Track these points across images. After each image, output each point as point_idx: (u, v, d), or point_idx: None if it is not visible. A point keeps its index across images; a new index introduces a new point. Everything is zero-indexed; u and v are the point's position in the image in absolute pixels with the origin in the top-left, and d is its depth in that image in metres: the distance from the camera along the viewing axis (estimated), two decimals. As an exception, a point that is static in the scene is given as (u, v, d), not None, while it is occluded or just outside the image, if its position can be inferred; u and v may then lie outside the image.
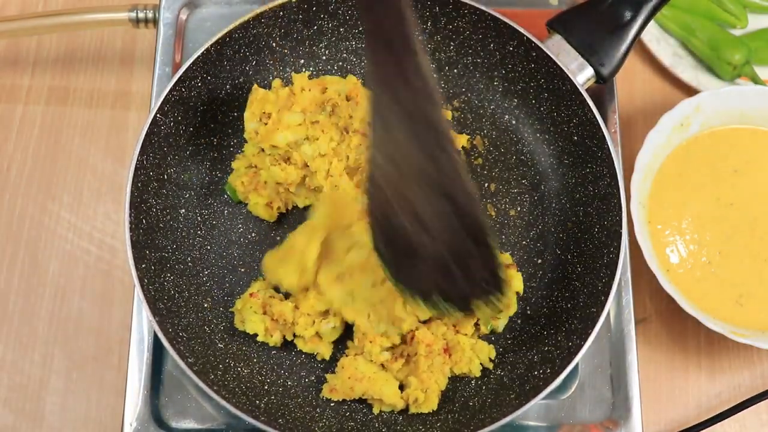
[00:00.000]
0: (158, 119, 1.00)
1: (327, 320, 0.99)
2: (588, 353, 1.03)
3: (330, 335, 1.00)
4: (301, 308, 0.99)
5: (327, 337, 1.00)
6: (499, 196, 1.09)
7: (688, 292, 1.06)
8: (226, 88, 1.07)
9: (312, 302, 0.98)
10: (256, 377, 0.99)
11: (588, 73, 1.03)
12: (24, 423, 1.05)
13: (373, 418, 0.99)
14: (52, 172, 1.15)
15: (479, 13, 1.06)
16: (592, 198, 1.04)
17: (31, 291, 1.10)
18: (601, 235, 1.02)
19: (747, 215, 1.10)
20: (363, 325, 0.98)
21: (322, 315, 0.99)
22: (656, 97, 1.21)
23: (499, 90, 1.11)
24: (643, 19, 1.03)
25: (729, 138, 1.14)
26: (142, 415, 0.99)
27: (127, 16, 1.13)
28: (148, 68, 1.18)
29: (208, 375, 0.95)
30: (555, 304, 1.03)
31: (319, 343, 1.00)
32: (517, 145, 1.10)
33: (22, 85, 1.20)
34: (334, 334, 1.00)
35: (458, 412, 0.98)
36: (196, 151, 1.07)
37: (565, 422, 1.01)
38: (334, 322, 0.99)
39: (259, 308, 0.99)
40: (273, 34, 1.07)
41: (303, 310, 0.99)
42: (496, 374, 1.01)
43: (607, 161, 1.01)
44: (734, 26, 1.23)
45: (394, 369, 0.98)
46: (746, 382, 1.09)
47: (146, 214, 1.00)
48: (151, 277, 0.97)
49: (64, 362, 1.07)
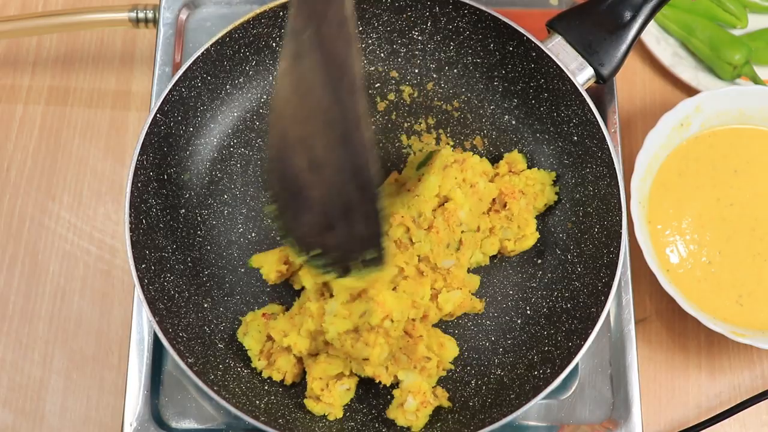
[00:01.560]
0: (158, 119, 1.00)
1: (342, 382, 0.97)
2: (588, 353, 1.03)
3: (343, 397, 0.98)
4: (312, 373, 0.97)
5: (340, 399, 0.97)
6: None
7: (688, 292, 1.06)
8: (226, 88, 1.07)
9: (323, 366, 0.97)
10: (257, 377, 0.99)
11: (588, 73, 1.03)
12: (24, 423, 1.05)
13: (373, 418, 0.99)
14: (52, 172, 1.15)
15: (479, 13, 1.06)
16: (591, 198, 1.04)
17: (31, 291, 1.10)
18: (601, 235, 1.02)
19: (747, 215, 1.10)
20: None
21: (335, 377, 0.97)
22: (656, 97, 1.21)
23: (499, 90, 1.11)
24: (643, 20, 1.03)
25: (729, 138, 1.14)
26: (142, 415, 0.99)
27: (127, 16, 1.13)
28: (148, 68, 1.18)
29: (208, 375, 0.95)
30: (555, 304, 1.03)
31: (332, 405, 0.97)
32: (517, 145, 1.10)
33: (22, 85, 1.20)
34: (347, 396, 0.98)
35: (458, 412, 0.98)
36: (195, 151, 1.07)
37: (565, 422, 1.01)
38: (348, 383, 0.98)
39: (265, 330, 0.99)
40: (273, 34, 1.07)
41: (315, 374, 0.97)
42: (496, 374, 1.01)
43: (607, 161, 1.01)
44: (734, 26, 1.24)
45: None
46: (746, 382, 1.09)
47: (146, 214, 1.00)
48: (151, 278, 0.97)
49: (64, 362, 1.07)
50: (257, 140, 1.09)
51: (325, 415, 0.97)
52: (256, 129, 1.09)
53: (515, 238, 1.03)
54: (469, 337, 1.03)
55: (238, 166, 1.08)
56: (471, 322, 1.04)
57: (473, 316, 1.04)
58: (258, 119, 1.09)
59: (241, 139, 1.09)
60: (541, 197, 1.06)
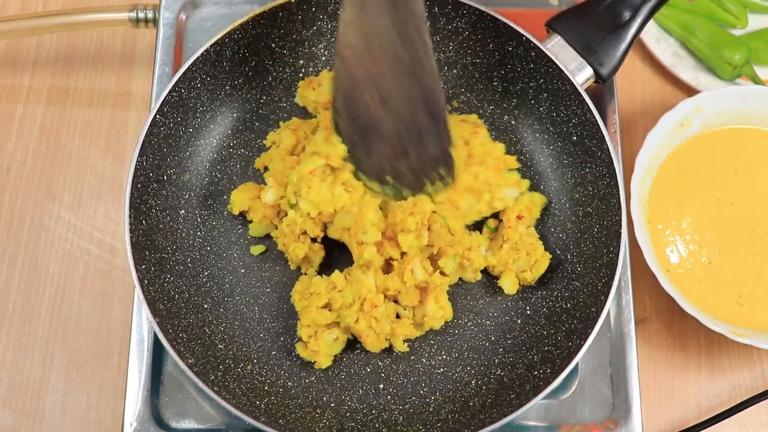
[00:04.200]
0: (158, 120, 1.00)
1: (331, 332, 0.98)
2: (588, 353, 1.03)
3: (332, 347, 0.99)
4: (302, 320, 0.98)
5: (328, 348, 0.99)
6: (498, 196, 1.09)
7: (688, 292, 1.06)
8: (225, 89, 1.07)
9: (314, 314, 0.97)
10: (257, 378, 0.99)
11: (587, 72, 1.03)
12: (24, 423, 1.05)
13: (373, 419, 0.99)
14: (52, 172, 1.15)
15: (478, 13, 1.06)
16: (591, 198, 1.04)
17: (31, 291, 1.10)
18: (600, 234, 1.02)
19: (747, 215, 1.10)
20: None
21: (326, 326, 0.98)
22: (656, 97, 1.21)
23: (498, 90, 1.10)
24: (642, 19, 1.03)
25: (729, 138, 1.14)
26: (142, 415, 0.99)
27: (127, 16, 1.13)
28: (148, 68, 1.18)
29: (209, 376, 0.95)
30: (555, 304, 1.03)
31: (317, 353, 0.98)
32: (517, 145, 1.10)
33: (22, 85, 1.20)
34: (336, 347, 0.99)
35: (458, 412, 0.98)
36: (195, 152, 1.07)
37: (565, 422, 1.01)
38: (337, 333, 0.99)
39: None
40: (272, 35, 1.07)
41: (304, 321, 0.98)
42: (496, 374, 1.01)
43: (607, 161, 1.01)
44: (734, 26, 1.23)
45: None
46: (746, 382, 1.09)
47: (146, 215, 1.00)
48: (151, 278, 0.97)
49: (63, 362, 1.07)
50: (257, 141, 1.09)
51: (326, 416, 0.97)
52: (256, 130, 1.09)
53: (529, 267, 1.03)
54: (469, 337, 1.03)
55: (237, 167, 1.08)
56: (471, 322, 1.04)
57: (473, 316, 1.04)
58: (257, 120, 1.09)
59: (240, 140, 1.09)
60: (534, 210, 1.05)
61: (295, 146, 1.05)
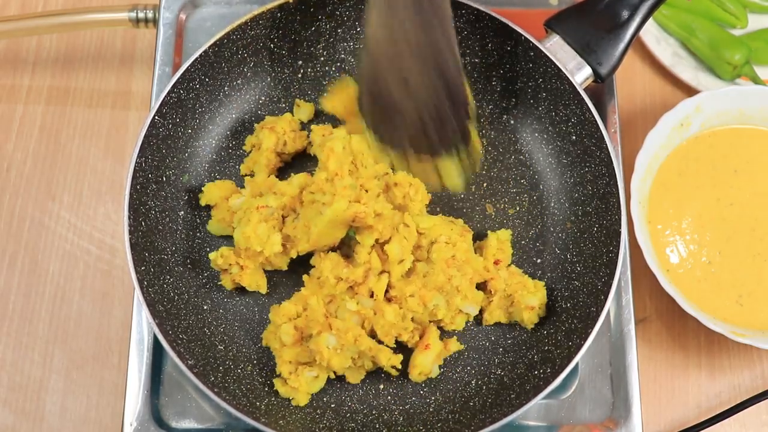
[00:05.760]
0: (156, 121, 1.00)
1: (311, 369, 0.97)
2: (588, 353, 1.03)
3: (311, 385, 0.97)
4: (283, 356, 0.97)
5: (307, 386, 0.97)
6: (497, 195, 1.09)
7: (688, 292, 1.06)
8: (224, 89, 1.07)
9: (296, 351, 0.97)
10: (257, 379, 0.99)
11: (586, 72, 1.03)
12: (24, 423, 1.05)
13: (373, 419, 0.99)
14: (52, 172, 1.16)
15: (477, 12, 1.06)
16: (591, 197, 1.04)
17: (31, 291, 1.10)
18: (600, 234, 1.02)
19: (747, 215, 1.10)
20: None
21: (305, 364, 0.97)
22: (656, 97, 1.21)
23: (497, 90, 1.10)
24: (641, 18, 1.03)
25: (729, 138, 1.13)
26: (142, 415, 0.99)
27: (127, 16, 1.13)
28: (148, 68, 1.18)
29: (209, 377, 0.95)
30: (555, 303, 1.03)
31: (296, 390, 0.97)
32: (516, 145, 1.10)
33: (22, 85, 1.20)
34: (315, 385, 0.98)
35: (458, 412, 0.98)
36: (194, 153, 1.07)
37: (565, 422, 1.01)
38: (317, 371, 0.97)
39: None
40: (271, 36, 1.07)
41: (285, 357, 0.97)
42: (496, 374, 1.01)
43: (606, 160, 1.01)
44: (734, 26, 1.23)
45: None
46: (746, 382, 1.09)
47: (145, 216, 1.00)
48: (150, 280, 0.97)
49: (63, 362, 1.07)
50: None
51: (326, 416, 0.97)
52: (255, 130, 1.09)
53: (525, 303, 1.01)
54: (469, 337, 1.03)
55: (237, 168, 1.08)
56: (471, 322, 1.04)
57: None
58: (257, 120, 1.09)
59: (239, 141, 1.09)
60: (506, 248, 1.05)
61: (276, 143, 1.05)
